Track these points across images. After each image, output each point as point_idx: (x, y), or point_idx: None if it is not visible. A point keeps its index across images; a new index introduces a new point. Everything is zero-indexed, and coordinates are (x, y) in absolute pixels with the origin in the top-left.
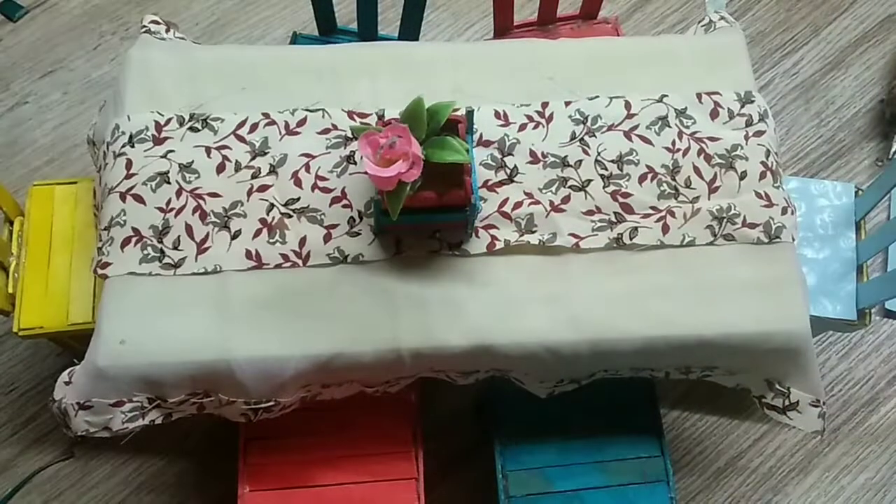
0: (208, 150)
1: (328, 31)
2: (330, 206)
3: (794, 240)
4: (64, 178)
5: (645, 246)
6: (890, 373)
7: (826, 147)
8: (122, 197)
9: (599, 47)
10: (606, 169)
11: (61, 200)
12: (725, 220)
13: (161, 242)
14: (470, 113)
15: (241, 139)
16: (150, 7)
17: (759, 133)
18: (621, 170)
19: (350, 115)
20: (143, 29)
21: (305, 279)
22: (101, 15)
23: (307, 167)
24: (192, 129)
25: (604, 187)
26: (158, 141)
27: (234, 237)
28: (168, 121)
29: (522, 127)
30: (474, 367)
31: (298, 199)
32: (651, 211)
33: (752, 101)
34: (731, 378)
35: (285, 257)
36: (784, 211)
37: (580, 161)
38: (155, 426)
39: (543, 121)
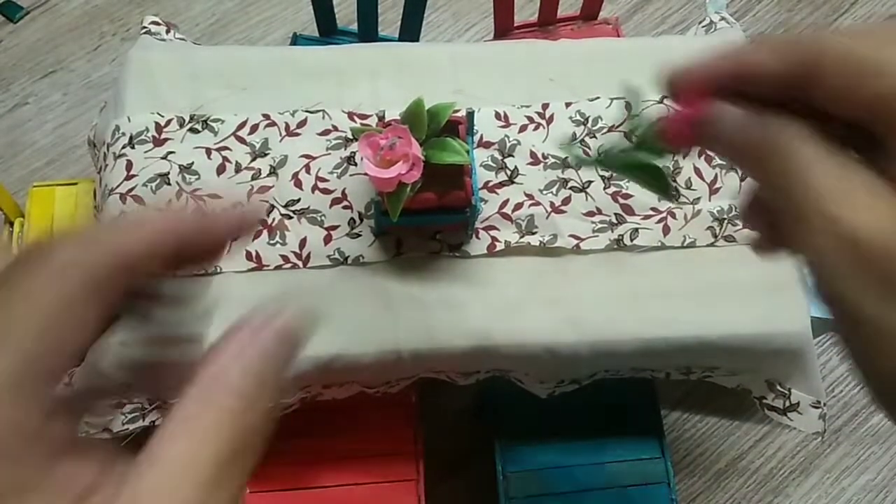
0: (209, 151)
1: (328, 31)
2: (330, 207)
3: None
4: (64, 179)
5: (645, 247)
6: None
7: None
8: (123, 198)
9: (600, 48)
10: (607, 170)
11: (61, 201)
12: (726, 221)
13: None
14: (470, 114)
15: (242, 140)
16: (150, 8)
17: None
18: None
19: (350, 116)
20: (143, 30)
21: (306, 280)
22: (102, 16)
23: (307, 168)
24: (192, 130)
25: (604, 188)
26: (159, 142)
27: (233, 238)
28: (168, 122)
29: (523, 128)
30: (475, 368)
31: (298, 200)
32: (652, 212)
33: None
34: (731, 379)
35: (285, 259)
36: None
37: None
38: (156, 427)
39: (544, 122)
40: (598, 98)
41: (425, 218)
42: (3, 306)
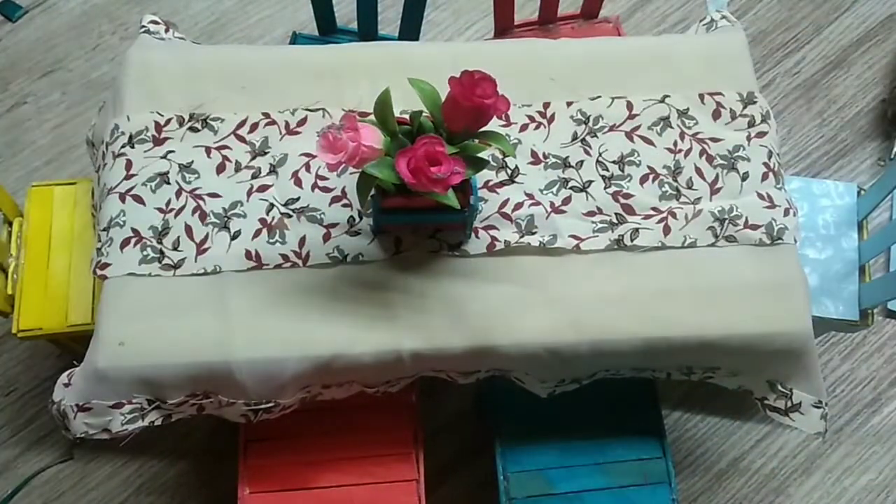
0: (208, 150)
1: (328, 30)
2: (330, 205)
3: (796, 241)
4: (63, 178)
5: (646, 247)
6: (892, 373)
7: (828, 147)
8: (122, 198)
9: (600, 47)
10: (608, 170)
11: (60, 201)
12: (727, 221)
13: (160, 243)
14: None
15: (242, 139)
16: (149, 7)
17: (761, 134)
18: (623, 171)
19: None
20: (143, 29)
21: (305, 279)
22: (100, 15)
23: (307, 167)
24: (191, 129)
25: (605, 188)
26: (158, 141)
27: (233, 237)
28: (168, 121)
29: (524, 127)
30: (474, 368)
31: (298, 198)
32: (652, 212)
33: (755, 102)
34: (732, 379)
35: (285, 257)
36: (786, 212)
37: (581, 162)
38: (155, 427)
39: (545, 121)
40: (599, 97)
41: (424, 216)
42: None
